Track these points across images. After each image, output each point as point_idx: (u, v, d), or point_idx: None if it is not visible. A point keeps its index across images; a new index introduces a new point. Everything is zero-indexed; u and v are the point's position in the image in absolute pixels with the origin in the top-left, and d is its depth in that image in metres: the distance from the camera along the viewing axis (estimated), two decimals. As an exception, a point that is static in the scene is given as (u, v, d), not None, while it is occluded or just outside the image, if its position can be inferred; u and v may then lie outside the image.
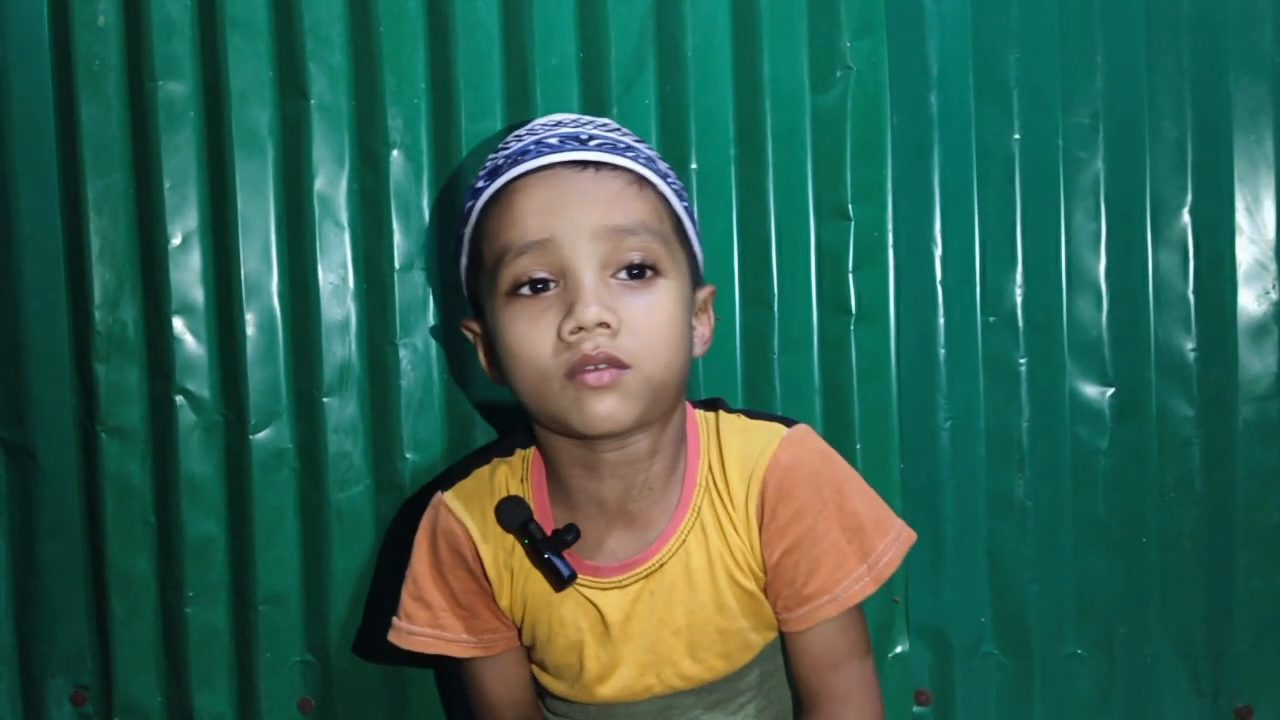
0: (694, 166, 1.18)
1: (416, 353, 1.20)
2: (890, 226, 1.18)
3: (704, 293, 0.96)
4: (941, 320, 1.20)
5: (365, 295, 1.20)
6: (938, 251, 1.20)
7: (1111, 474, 1.20)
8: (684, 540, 0.95)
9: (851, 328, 1.18)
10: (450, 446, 1.20)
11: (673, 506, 0.95)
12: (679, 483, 0.96)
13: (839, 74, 1.18)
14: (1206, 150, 1.19)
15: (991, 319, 1.20)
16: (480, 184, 0.93)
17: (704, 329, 0.97)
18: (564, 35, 1.18)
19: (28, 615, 1.25)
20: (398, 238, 1.19)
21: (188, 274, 1.20)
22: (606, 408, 0.86)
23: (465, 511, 0.99)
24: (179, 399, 1.20)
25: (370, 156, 1.19)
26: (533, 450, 0.99)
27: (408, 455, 1.20)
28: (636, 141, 0.95)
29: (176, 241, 1.20)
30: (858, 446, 1.18)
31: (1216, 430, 1.20)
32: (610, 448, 0.91)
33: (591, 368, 0.85)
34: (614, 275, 0.87)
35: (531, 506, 0.97)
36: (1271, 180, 1.18)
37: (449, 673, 1.17)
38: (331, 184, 1.19)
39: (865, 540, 0.94)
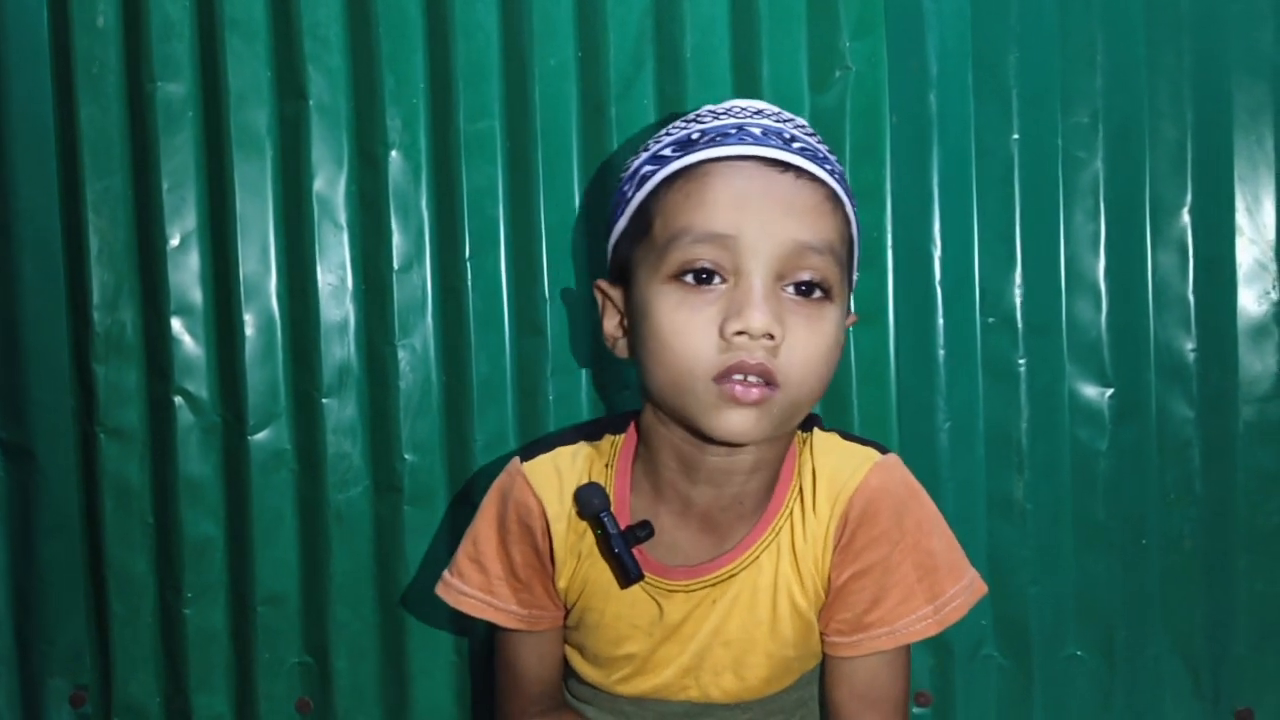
0: (692, 167, 1.18)
1: (415, 354, 1.20)
2: (889, 227, 1.18)
3: (848, 320, 0.94)
4: (940, 321, 1.20)
5: (364, 296, 1.20)
6: (936, 252, 1.19)
7: (1111, 475, 1.20)
8: (758, 556, 0.93)
9: (850, 329, 1.18)
10: (449, 448, 1.20)
11: (756, 521, 0.94)
12: (767, 499, 0.94)
13: (838, 74, 1.17)
14: (1206, 150, 1.18)
15: (990, 320, 1.20)
16: (667, 151, 0.89)
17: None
18: (563, 36, 1.18)
19: (27, 616, 1.25)
20: (396, 238, 1.19)
21: (186, 275, 1.20)
22: (745, 423, 0.84)
23: (543, 487, 0.96)
24: (178, 400, 1.20)
25: (369, 157, 1.19)
26: (622, 438, 0.97)
27: (406, 456, 1.19)
28: (830, 153, 0.92)
29: (175, 242, 1.20)
30: (858, 434, 1.18)
31: (1216, 432, 1.19)
32: (719, 453, 0.89)
33: (741, 377, 0.83)
34: (784, 287, 0.85)
35: (611, 496, 0.94)
36: (1272, 180, 1.18)
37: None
38: (330, 185, 1.19)
39: (936, 582, 0.92)
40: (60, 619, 1.24)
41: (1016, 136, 1.19)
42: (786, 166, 0.86)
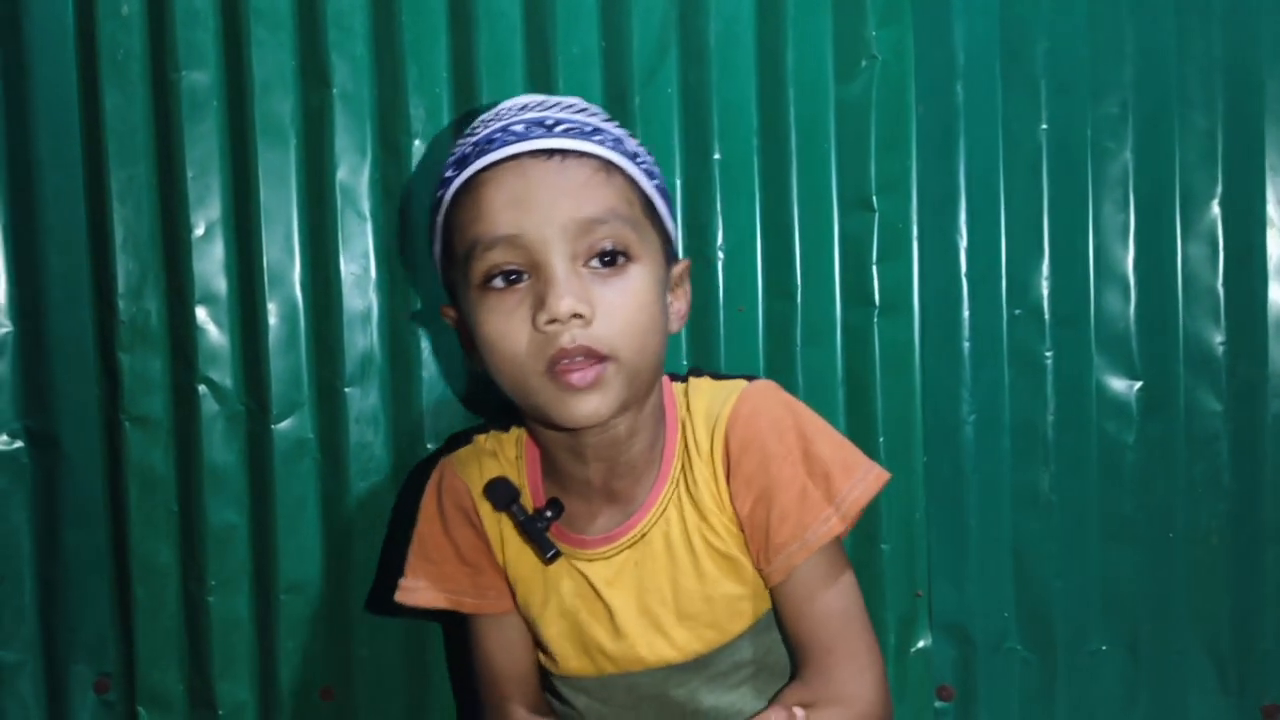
0: (717, 157, 1.17)
1: (438, 343, 1.19)
2: (914, 218, 1.17)
3: (678, 268, 0.97)
4: (966, 313, 1.19)
5: (387, 285, 1.20)
6: (963, 243, 1.19)
7: (1138, 469, 1.19)
8: (663, 510, 0.96)
9: (875, 319, 1.17)
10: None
11: (653, 480, 0.97)
12: (659, 457, 0.97)
13: (864, 64, 1.17)
14: (1237, 140, 1.17)
15: (1017, 311, 1.19)
16: (449, 173, 0.93)
17: (680, 304, 0.98)
18: (586, 24, 1.17)
19: (51, 603, 1.25)
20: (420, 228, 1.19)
21: (210, 264, 1.21)
22: (590, 406, 0.87)
23: (466, 471, 1.02)
24: (202, 388, 1.20)
25: (393, 146, 1.19)
26: (525, 431, 1.02)
27: (429, 445, 1.20)
28: (605, 122, 0.94)
29: (199, 231, 1.20)
30: (880, 439, 1.17)
31: (1245, 425, 1.18)
32: (591, 434, 0.92)
33: (569, 361, 0.86)
34: (585, 264, 0.88)
35: (524, 481, 1.00)
36: (1304, 171, 1.17)
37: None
38: (354, 174, 1.19)
39: (831, 482, 0.94)
40: (84, 606, 1.25)
41: (1045, 127, 1.18)
42: (550, 153, 0.89)
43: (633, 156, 0.93)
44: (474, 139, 0.92)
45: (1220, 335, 1.18)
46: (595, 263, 0.88)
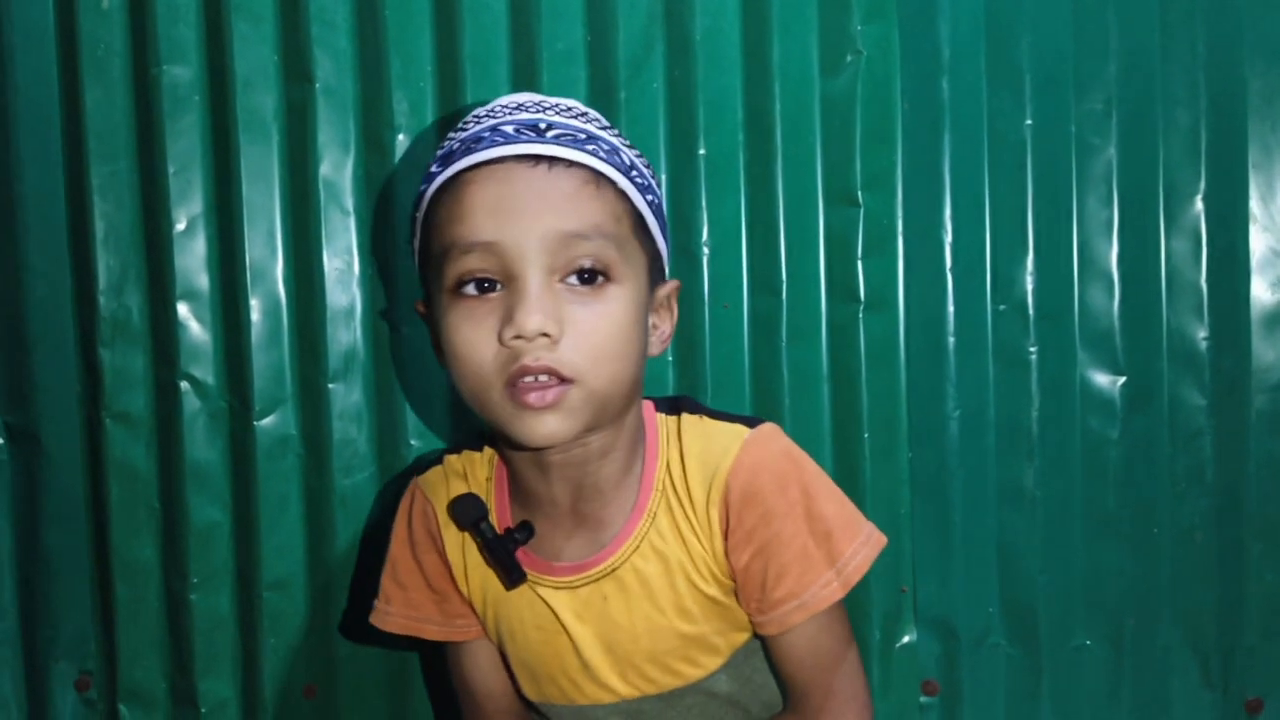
0: (702, 152, 1.17)
1: (422, 339, 1.19)
2: (900, 213, 1.17)
3: (665, 289, 0.93)
4: (951, 308, 1.19)
5: (370, 281, 1.19)
6: (948, 239, 1.19)
7: (1122, 464, 1.19)
8: (638, 546, 0.93)
9: (860, 315, 1.17)
10: (455, 434, 1.19)
11: (628, 510, 0.93)
12: (634, 486, 0.93)
13: (849, 59, 1.16)
14: (1220, 137, 1.18)
15: (1002, 307, 1.19)
16: (434, 168, 0.89)
17: (665, 327, 0.94)
18: (571, 19, 1.17)
19: (32, 601, 1.25)
20: (404, 223, 1.18)
21: (192, 260, 1.20)
22: (547, 427, 0.84)
23: (433, 492, 1.00)
24: (184, 385, 1.20)
25: (376, 141, 1.18)
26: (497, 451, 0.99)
27: (412, 442, 1.19)
28: (601, 129, 0.90)
29: (181, 227, 1.19)
30: (865, 435, 1.17)
31: (1229, 420, 1.18)
32: (556, 451, 0.89)
33: (532, 379, 0.83)
34: (562, 280, 0.84)
35: (492, 502, 0.97)
36: (1287, 167, 1.17)
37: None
38: (337, 169, 1.18)
39: (833, 545, 0.91)
40: (65, 604, 1.24)
41: (1029, 122, 1.18)
42: (539, 159, 0.85)
43: (627, 169, 0.89)
44: (463, 135, 0.89)
45: (1204, 331, 1.19)
46: (573, 279, 0.84)
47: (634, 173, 0.90)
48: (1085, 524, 1.20)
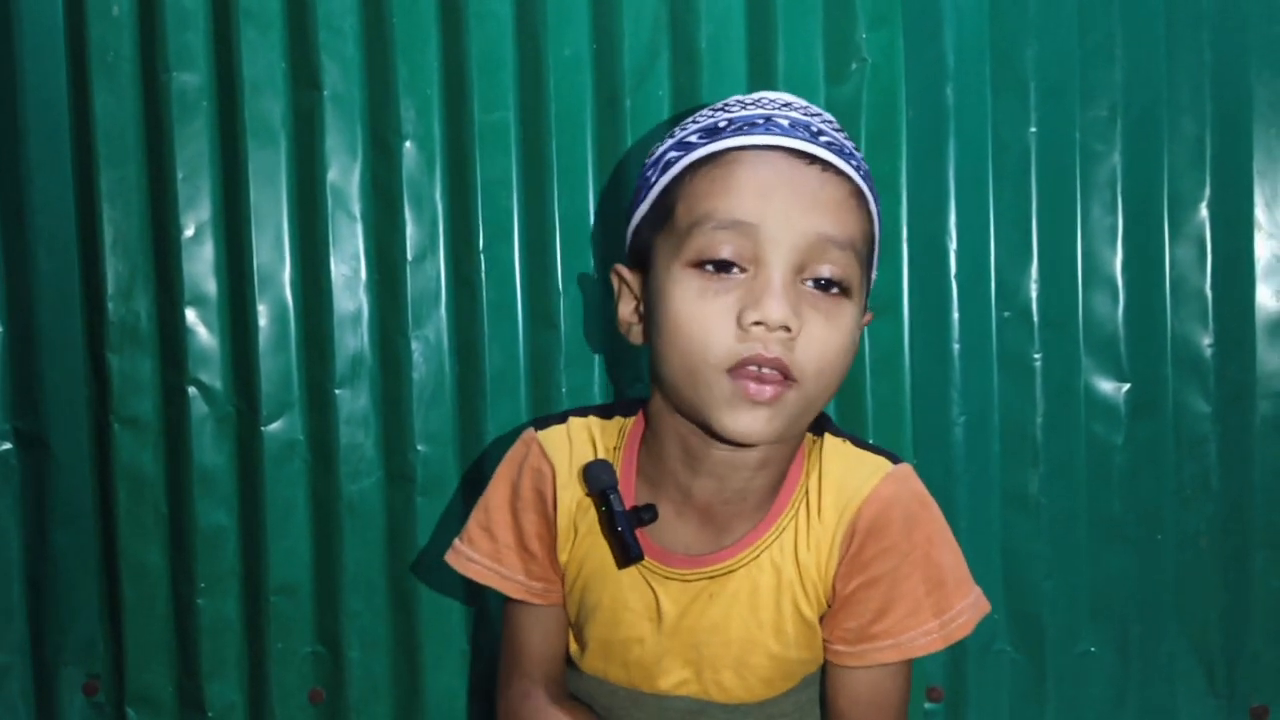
0: (707, 159, 1.17)
1: (428, 345, 1.19)
2: (904, 220, 1.17)
3: (864, 319, 0.92)
4: (956, 315, 1.19)
5: (377, 287, 1.20)
6: (952, 245, 1.19)
7: (1127, 471, 1.19)
8: (758, 555, 0.92)
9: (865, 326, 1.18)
10: (462, 439, 1.20)
11: (757, 519, 0.93)
12: (772, 498, 0.93)
13: (854, 66, 1.17)
14: (1225, 144, 1.18)
15: (1006, 314, 1.19)
16: (693, 138, 0.88)
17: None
18: (577, 26, 1.17)
19: (40, 605, 1.25)
20: (410, 229, 1.19)
21: (200, 265, 1.20)
22: (757, 423, 0.83)
23: (556, 452, 0.96)
24: (191, 390, 1.20)
25: (383, 147, 1.19)
26: (631, 422, 0.97)
27: (419, 447, 1.19)
28: (856, 149, 0.91)
29: (189, 233, 1.20)
30: (870, 441, 1.17)
31: (1233, 427, 1.19)
32: (726, 448, 0.88)
33: (756, 369, 0.82)
34: (803, 281, 0.84)
35: (618, 475, 0.94)
36: (1291, 175, 1.17)
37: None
38: (344, 175, 1.19)
39: (944, 596, 0.91)
40: (74, 608, 1.24)
41: (1034, 129, 1.18)
42: (813, 159, 0.85)
43: (875, 196, 0.90)
44: (729, 115, 0.88)
45: (1208, 337, 1.19)
46: (811, 284, 0.84)
47: (878, 200, 0.91)
48: (1090, 530, 1.20)
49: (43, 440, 1.23)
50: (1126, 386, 1.19)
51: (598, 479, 0.92)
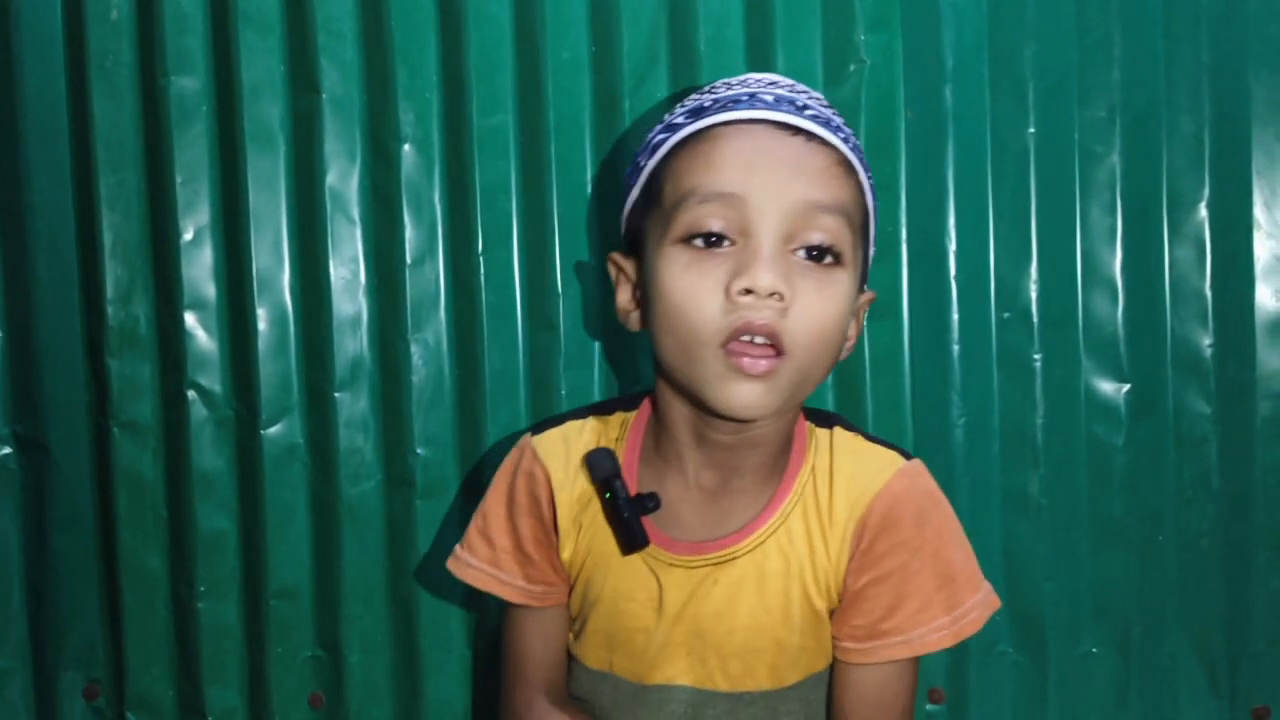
0: (706, 161, 1.17)
1: (428, 348, 1.19)
2: (904, 221, 1.18)
3: (864, 297, 0.93)
4: (955, 316, 1.19)
5: (377, 290, 1.20)
6: (951, 247, 1.19)
7: (1127, 471, 1.19)
8: (764, 541, 0.92)
9: (864, 328, 1.17)
10: (461, 442, 1.20)
11: (761, 504, 0.93)
12: (774, 483, 0.93)
13: (853, 68, 1.17)
14: (1224, 144, 1.18)
15: (1006, 315, 1.19)
16: (679, 119, 0.88)
17: (853, 333, 0.92)
18: (576, 29, 1.18)
19: (40, 609, 1.25)
20: (409, 232, 1.19)
21: (200, 269, 1.20)
22: (751, 396, 0.83)
23: (549, 456, 0.97)
24: (191, 394, 1.20)
25: (382, 151, 1.19)
26: (633, 415, 0.98)
27: (419, 450, 1.19)
28: (846, 124, 0.91)
29: (188, 237, 1.20)
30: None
31: (1234, 427, 1.18)
32: (729, 428, 0.89)
33: (749, 339, 0.82)
34: (794, 251, 0.83)
35: (621, 465, 0.94)
36: (1290, 174, 1.17)
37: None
38: (343, 179, 1.19)
39: (955, 592, 0.91)
40: (73, 612, 1.24)
41: (1033, 130, 1.18)
42: (797, 130, 0.85)
43: (866, 168, 0.90)
44: (714, 95, 0.89)
45: (1208, 338, 1.19)
46: (802, 253, 0.83)
47: (869, 173, 0.90)
48: (1091, 531, 1.19)
49: (43, 444, 1.23)
50: (1126, 387, 1.19)
51: (600, 466, 0.92)
